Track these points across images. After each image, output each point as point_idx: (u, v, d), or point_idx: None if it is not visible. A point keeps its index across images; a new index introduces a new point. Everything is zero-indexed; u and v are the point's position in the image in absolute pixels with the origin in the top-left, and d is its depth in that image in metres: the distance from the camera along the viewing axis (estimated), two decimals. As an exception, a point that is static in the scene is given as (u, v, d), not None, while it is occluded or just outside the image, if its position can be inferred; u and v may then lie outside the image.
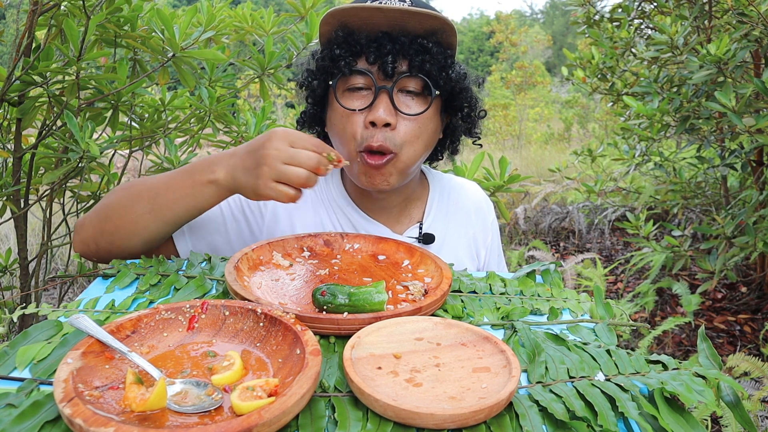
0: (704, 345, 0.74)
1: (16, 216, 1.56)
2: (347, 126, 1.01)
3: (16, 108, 1.44)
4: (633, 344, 2.88)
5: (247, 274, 0.89)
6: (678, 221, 4.22)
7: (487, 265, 1.26)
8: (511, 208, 5.22)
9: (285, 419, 0.55)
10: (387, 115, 0.97)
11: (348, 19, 0.98)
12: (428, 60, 0.98)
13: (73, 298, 3.30)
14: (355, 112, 1.00)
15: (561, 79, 9.20)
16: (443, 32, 0.99)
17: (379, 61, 0.97)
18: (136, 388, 0.57)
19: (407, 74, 0.98)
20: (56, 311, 0.81)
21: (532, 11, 41.18)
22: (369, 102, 0.99)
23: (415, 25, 0.97)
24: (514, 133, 10.10)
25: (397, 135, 0.99)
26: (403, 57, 0.98)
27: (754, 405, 2.03)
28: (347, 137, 1.01)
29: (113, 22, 1.48)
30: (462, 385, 0.63)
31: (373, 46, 0.97)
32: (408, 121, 1.00)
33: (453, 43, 1.02)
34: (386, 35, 0.97)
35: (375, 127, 0.98)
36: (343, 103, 1.01)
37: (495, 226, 1.29)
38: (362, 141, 0.99)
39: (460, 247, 1.19)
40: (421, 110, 1.01)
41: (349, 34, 0.99)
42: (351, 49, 0.98)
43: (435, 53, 0.98)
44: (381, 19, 0.97)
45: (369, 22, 0.98)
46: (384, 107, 0.98)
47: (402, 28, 0.98)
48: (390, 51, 0.96)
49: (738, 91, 1.83)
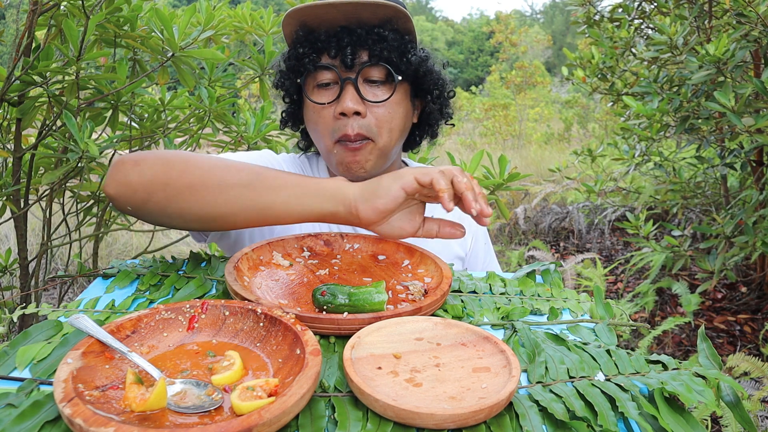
0: (704, 345, 0.74)
1: (16, 216, 1.56)
2: (319, 120, 1.05)
3: (16, 108, 1.44)
4: (633, 344, 2.88)
5: (247, 274, 0.88)
6: (678, 221, 4.22)
7: (474, 251, 1.28)
8: (511, 208, 5.22)
9: (285, 419, 0.55)
10: (354, 104, 1.01)
11: (306, 17, 1.02)
12: (386, 48, 1.01)
13: (73, 298, 3.30)
14: (325, 105, 1.04)
15: (561, 79, 9.19)
16: (398, 19, 1.02)
17: (340, 54, 1.01)
18: (136, 388, 0.57)
19: (368, 63, 1.02)
20: (56, 311, 0.81)
21: (532, 11, 41.18)
22: (336, 95, 1.03)
23: (369, 16, 1.00)
24: (514, 133, 10.10)
25: (369, 122, 1.03)
26: (362, 47, 1.01)
27: (754, 405, 2.04)
28: (321, 131, 1.05)
29: (113, 22, 1.48)
30: (462, 385, 0.63)
31: (333, 41, 1.01)
32: (376, 107, 1.04)
33: (410, 28, 1.05)
34: (344, 29, 1.01)
35: (345, 117, 1.02)
36: (313, 98, 1.05)
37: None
38: (335, 132, 1.03)
39: None
40: (386, 96, 1.05)
41: (309, 32, 1.03)
42: (313, 46, 1.02)
43: (392, 40, 1.02)
44: (336, 14, 1.00)
45: (326, 19, 1.01)
46: (350, 97, 1.02)
47: (358, 20, 1.01)
48: (348, 43, 1.00)
49: (737, 91, 1.83)
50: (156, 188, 0.86)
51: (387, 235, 0.89)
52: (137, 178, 0.87)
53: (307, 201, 0.85)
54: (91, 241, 2.25)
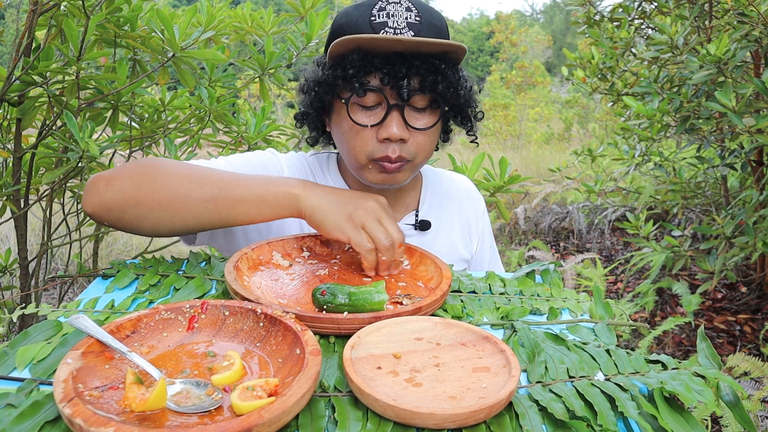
0: (704, 345, 0.74)
1: (16, 216, 1.56)
2: (357, 140, 1.03)
3: (16, 108, 1.45)
4: (633, 344, 2.88)
5: (247, 274, 0.89)
6: (678, 221, 4.22)
7: (480, 254, 1.29)
8: (511, 208, 5.22)
9: (285, 419, 0.55)
10: (401, 131, 1.00)
11: (364, 43, 0.98)
12: (440, 81, 1.00)
13: (72, 298, 3.30)
14: (367, 127, 1.02)
15: (561, 79, 9.19)
16: (454, 53, 1.01)
17: (392, 82, 0.99)
18: (136, 388, 0.57)
19: (418, 92, 1.00)
20: (56, 311, 0.81)
21: (532, 11, 41.18)
22: (380, 118, 1.01)
23: (429, 49, 0.98)
24: (514, 133, 10.10)
25: (410, 147, 1.03)
26: (416, 75, 0.99)
27: (754, 405, 2.04)
28: (357, 149, 1.04)
29: (113, 22, 1.48)
30: (462, 385, 0.63)
31: (387, 68, 0.98)
32: (420, 134, 1.04)
33: (461, 59, 1.05)
34: (399, 56, 0.98)
35: (389, 141, 1.01)
36: (356, 119, 1.02)
37: (486, 217, 1.33)
38: (375, 152, 1.02)
39: (454, 232, 1.24)
40: (431, 124, 1.04)
41: (364, 56, 0.99)
42: (365, 69, 0.99)
43: (446, 73, 1.00)
44: (396, 44, 0.97)
45: (384, 46, 0.98)
46: (396, 124, 1.00)
47: (417, 50, 0.99)
48: (405, 74, 0.98)
49: (738, 91, 1.83)
50: (128, 206, 0.93)
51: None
52: (110, 197, 0.93)
53: (265, 211, 0.93)
54: (91, 241, 2.25)
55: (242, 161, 1.13)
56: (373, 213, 0.92)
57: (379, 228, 0.90)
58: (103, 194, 0.93)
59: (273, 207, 0.93)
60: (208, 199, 0.92)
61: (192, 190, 0.92)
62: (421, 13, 1.00)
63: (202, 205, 0.92)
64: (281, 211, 0.94)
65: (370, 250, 0.89)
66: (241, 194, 0.93)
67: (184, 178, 0.94)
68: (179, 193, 0.92)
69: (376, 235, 0.90)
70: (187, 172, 0.95)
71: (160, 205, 0.92)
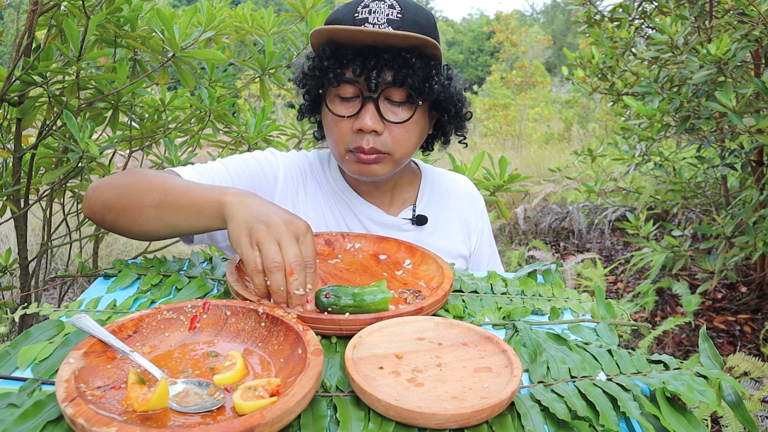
0: (706, 345, 0.74)
1: (16, 216, 1.56)
2: (336, 129, 1.07)
3: (16, 108, 1.44)
4: (633, 344, 2.88)
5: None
6: (678, 221, 4.22)
7: (478, 252, 1.29)
8: (511, 208, 5.22)
9: (287, 419, 0.55)
10: (373, 123, 1.03)
11: (334, 35, 1.02)
12: (411, 74, 1.02)
13: (73, 299, 3.30)
14: (344, 118, 1.06)
15: (561, 79, 9.18)
16: (425, 47, 1.02)
17: (364, 73, 1.02)
18: (138, 387, 0.57)
19: (391, 85, 1.03)
20: (58, 311, 0.81)
21: (532, 11, 41.19)
22: (357, 109, 1.05)
23: (398, 42, 1.01)
24: (514, 133, 10.10)
25: (385, 139, 1.05)
26: (388, 69, 1.02)
27: (755, 405, 2.04)
28: (336, 139, 1.08)
29: (113, 22, 1.48)
30: (464, 385, 0.63)
31: (359, 60, 1.02)
32: (395, 127, 1.06)
33: (437, 54, 1.05)
34: (371, 48, 1.02)
35: (363, 132, 1.04)
36: (333, 109, 1.07)
37: (485, 216, 1.33)
38: (350, 143, 1.06)
39: (452, 229, 1.25)
40: (406, 118, 1.06)
41: (336, 48, 1.03)
42: (339, 61, 1.03)
43: (417, 67, 1.02)
44: (365, 36, 1.00)
45: (355, 38, 1.02)
46: (370, 116, 1.03)
47: (386, 44, 1.02)
48: (375, 66, 1.01)
49: (738, 91, 1.83)
50: (104, 211, 0.98)
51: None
52: (95, 202, 1.00)
53: (202, 220, 0.91)
54: (91, 241, 2.25)
55: (237, 162, 1.14)
56: (274, 231, 0.79)
57: (274, 248, 0.77)
58: (91, 198, 1.01)
59: (206, 216, 0.89)
60: (155, 205, 0.93)
61: (146, 195, 0.95)
62: (404, 10, 1.03)
63: (151, 211, 0.94)
64: (214, 219, 0.88)
65: (254, 270, 0.78)
66: (181, 201, 0.91)
67: (147, 182, 0.96)
68: (136, 198, 0.95)
69: (266, 254, 0.77)
70: (149, 179, 0.97)
71: (124, 210, 0.96)
